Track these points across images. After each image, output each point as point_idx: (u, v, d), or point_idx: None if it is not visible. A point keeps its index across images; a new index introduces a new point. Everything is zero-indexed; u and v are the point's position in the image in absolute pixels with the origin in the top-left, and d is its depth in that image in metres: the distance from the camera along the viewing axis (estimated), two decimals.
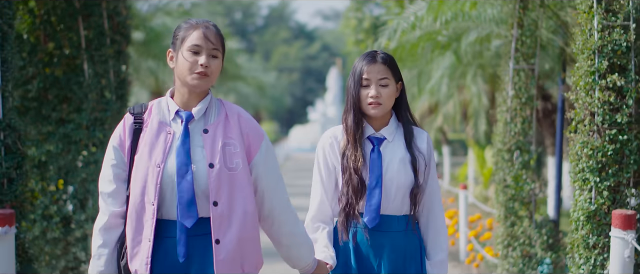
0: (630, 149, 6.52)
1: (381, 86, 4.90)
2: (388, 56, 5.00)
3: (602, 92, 6.53)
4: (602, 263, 6.55)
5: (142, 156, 4.28)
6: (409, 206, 4.95)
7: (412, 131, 4.99)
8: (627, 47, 6.54)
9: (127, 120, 4.36)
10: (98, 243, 4.30)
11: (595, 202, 6.58)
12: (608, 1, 6.60)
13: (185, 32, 4.34)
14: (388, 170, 4.94)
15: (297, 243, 4.62)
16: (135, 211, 4.26)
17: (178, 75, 4.31)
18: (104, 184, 4.33)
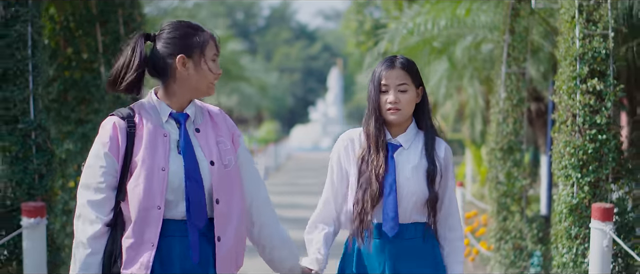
0: (608, 148, 7.00)
1: (400, 92, 4.79)
2: (408, 61, 4.89)
3: (583, 95, 7.02)
4: (583, 252, 7.04)
5: (144, 160, 4.16)
6: (423, 214, 4.83)
7: (432, 139, 4.86)
8: (606, 55, 7.02)
9: (119, 125, 4.16)
10: (86, 252, 4.12)
11: (576, 197, 7.07)
12: (589, 12, 7.09)
13: (201, 38, 4.26)
14: (402, 178, 4.82)
15: (278, 246, 4.57)
16: (139, 215, 4.13)
17: (194, 83, 4.23)
18: (92, 192, 4.15)
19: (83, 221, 4.11)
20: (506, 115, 9.99)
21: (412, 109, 4.80)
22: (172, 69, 4.20)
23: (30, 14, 7.13)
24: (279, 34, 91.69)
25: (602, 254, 6.72)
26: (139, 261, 4.11)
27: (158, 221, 4.11)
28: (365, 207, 4.79)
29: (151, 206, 4.10)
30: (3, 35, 7.04)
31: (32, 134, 7.17)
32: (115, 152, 4.12)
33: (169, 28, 4.27)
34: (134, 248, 4.11)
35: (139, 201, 4.09)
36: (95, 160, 4.12)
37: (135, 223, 4.10)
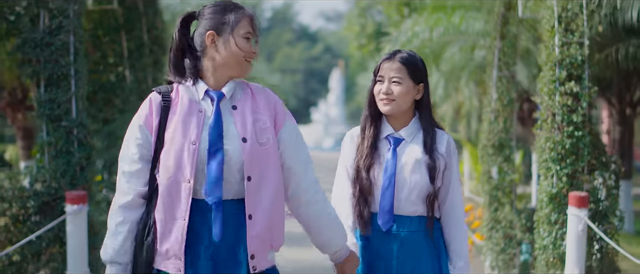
0: (584, 143, 7.85)
1: (394, 83, 4.77)
2: (409, 56, 4.83)
3: (562, 96, 7.87)
4: (561, 235, 7.89)
5: (176, 134, 4.11)
6: (425, 208, 4.78)
7: (433, 133, 4.83)
8: (582, 60, 7.86)
9: (154, 99, 4.18)
10: (118, 220, 4.12)
11: (556, 186, 7.91)
12: (567, 22, 7.93)
13: (236, 16, 4.17)
14: (402, 171, 4.77)
15: (327, 226, 4.40)
16: (169, 189, 4.09)
17: (224, 60, 4.14)
18: (128, 163, 4.15)
19: (118, 191, 4.14)
20: (497, 114, 10.74)
21: (407, 102, 4.78)
22: (204, 46, 4.19)
23: (73, 25, 8.02)
24: (281, 35, 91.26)
25: (578, 238, 7.58)
26: (172, 236, 4.09)
27: (188, 195, 4.05)
28: (360, 199, 4.81)
29: (181, 179, 4.05)
30: (48, 43, 7.94)
31: (74, 131, 8.06)
32: (149, 125, 4.12)
33: (208, 8, 4.26)
34: (166, 222, 4.09)
35: (170, 173, 4.06)
36: (131, 132, 4.15)
37: (165, 197, 4.07)
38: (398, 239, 4.75)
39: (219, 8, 4.20)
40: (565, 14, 7.96)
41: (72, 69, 8.03)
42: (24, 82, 11.82)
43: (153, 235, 4.10)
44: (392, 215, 4.74)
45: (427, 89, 4.83)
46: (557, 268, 7.91)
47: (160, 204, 4.07)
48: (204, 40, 4.16)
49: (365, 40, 26.33)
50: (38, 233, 7.59)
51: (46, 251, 8.02)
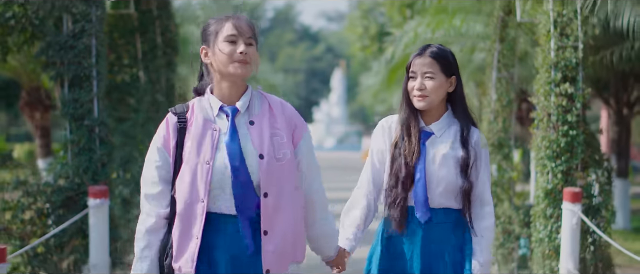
0: (578, 142, 8.28)
1: (426, 78, 4.79)
2: (440, 51, 4.86)
3: (557, 97, 8.30)
4: (557, 229, 8.33)
5: (191, 154, 4.16)
6: (455, 201, 4.84)
7: (466, 127, 4.86)
8: (576, 63, 8.31)
9: (170, 120, 4.22)
10: (142, 245, 4.20)
11: (551, 182, 8.34)
12: (562, 27, 8.37)
13: (217, 25, 4.23)
14: (431, 164, 4.83)
15: (327, 234, 4.55)
16: (184, 209, 4.16)
17: (217, 68, 4.19)
18: (149, 186, 4.22)
19: (142, 213, 4.21)
20: (497, 114, 11.12)
21: (440, 96, 4.82)
22: (204, 62, 4.28)
23: (95, 29, 8.49)
24: (282, 35, 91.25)
25: (572, 231, 8.02)
26: (186, 254, 4.14)
27: (202, 214, 4.12)
28: (398, 192, 4.83)
29: (195, 199, 4.12)
30: (72, 46, 8.40)
31: (96, 129, 8.52)
32: (167, 146, 4.18)
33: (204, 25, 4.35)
34: (181, 241, 4.15)
35: (184, 194, 4.12)
36: (151, 155, 4.21)
37: (181, 216, 4.14)
38: (427, 231, 4.83)
39: (207, 23, 4.29)
40: (561, 19, 8.39)
41: (94, 70, 8.49)
42: (41, 83, 12.28)
43: (171, 255, 4.18)
44: (428, 207, 4.80)
45: (460, 81, 4.87)
46: (553, 260, 8.34)
47: (177, 223, 4.15)
48: (202, 57, 4.27)
49: (368, 41, 26.51)
50: (62, 226, 8.03)
51: (69, 243, 8.47)
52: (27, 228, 8.41)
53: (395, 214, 4.83)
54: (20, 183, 8.49)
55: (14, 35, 8.74)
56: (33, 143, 31.05)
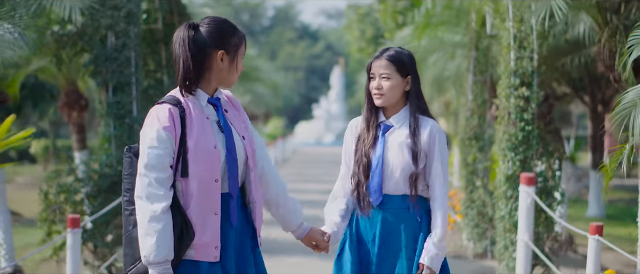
0: (533, 136, 9.67)
1: (383, 79, 5.15)
2: (396, 53, 5.21)
3: (516, 99, 9.68)
4: (515, 207, 9.71)
5: (199, 141, 4.48)
6: (408, 187, 5.16)
7: (418, 119, 5.16)
8: (531, 71, 9.66)
9: (173, 111, 4.45)
10: (162, 224, 4.37)
11: (511, 169, 9.73)
12: (520, 40, 9.69)
13: (238, 40, 4.60)
14: (388, 153, 5.17)
15: (284, 204, 4.89)
16: (204, 190, 4.48)
17: (226, 75, 4.60)
18: (159, 170, 4.40)
19: (151, 198, 4.38)
20: (472, 112, 12.56)
21: (397, 95, 5.18)
22: (210, 61, 4.54)
23: (133, 44, 10.16)
24: (283, 34, 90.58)
25: (527, 209, 9.31)
26: (209, 230, 4.50)
27: (218, 192, 4.52)
28: (360, 179, 5.23)
29: (211, 180, 4.49)
30: (115, 58, 10.09)
31: (135, 125, 10.17)
32: (173, 134, 4.43)
33: (212, 22, 4.57)
34: (204, 219, 4.49)
35: (202, 175, 4.47)
36: (159, 142, 4.41)
37: (199, 197, 4.47)
38: (384, 214, 5.20)
39: (223, 28, 4.57)
40: (519, 34, 9.69)
41: (133, 78, 10.18)
42: (77, 86, 13.94)
43: (191, 234, 4.47)
44: (381, 193, 5.19)
45: (415, 80, 5.23)
46: (512, 233, 9.73)
47: (196, 203, 4.48)
48: (213, 57, 4.54)
49: (365, 44, 27.69)
50: (108, 207, 9.64)
51: (113, 220, 10.12)
52: (78, 207, 10.10)
53: (358, 198, 5.26)
54: (72, 170, 10.19)
55: (67, 49, 10.54)
56: (47, 139, 32.62)
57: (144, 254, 4.40)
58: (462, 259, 12.46)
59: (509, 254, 9.86)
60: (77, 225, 7.81)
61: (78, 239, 7.97)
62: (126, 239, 4.58)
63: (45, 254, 11.44)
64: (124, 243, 4.62)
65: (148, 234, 4.36)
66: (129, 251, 4.55)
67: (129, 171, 4.59)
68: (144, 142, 4.46)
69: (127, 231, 4.58)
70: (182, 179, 4.48)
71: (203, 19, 4.63)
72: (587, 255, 7.32)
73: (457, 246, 13.42)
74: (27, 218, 17.01)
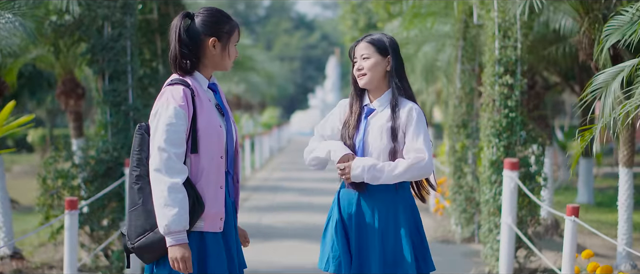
0: (516, 122, 9.94)
1: (363, 59, 5.32)
2: (375, 35, 5.42)
3: (500, 87, 9.95)
4: (499, 192, 10.01)
5: (210, 120, 4.79)
6: None
7: (397, 101, 5.31)
8: (515, 60, 9.94)
9: (186, 92, 4.74)
10: (180, 195, 4.63)
11: (495, 154, 10.01)
12: (504, 30, 9.97)
13: (230, 27, 4.89)
14: (369, 136, 5.31)
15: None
16: (213, 165, 4.78)
17: (219, 60, 4.89)
18: (178, 146, 4.66)
19: (171, 171, 4.65)
20: (461, 100, 12.86)
21: (378, 73, 5.34)
22: (204, 47, 4.84)
23: (129, 33, 10.46)
24: (279, 24, 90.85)
25: (510, 194, 9.59)
26: (218, 202, 4.82)
27: (223, 168, 4.85)
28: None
29: (218, 156, 4.80)
30: (111, 47, 10.38)
31: (130, 113, 10.48)
32: (188, 113, 4.72)
33: (206, 12, 4.87)
34: (213, 192, 4.80)
35: (212, 152, 4.78)
36: (177, 119, 4.68)
37: (210, 172, 4.78)
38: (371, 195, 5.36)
39: (217, 16, 4.88)
40: (504, 24, 9.96)
41: (129, 66, 10.48)
42: (74, 75, 14.22)
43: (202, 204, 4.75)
44: None
45: (396, 61, 5.37)
46: (496, 216, 10.03)
47: (208, 179, 4.77)
48: (206, 44, 4.84)
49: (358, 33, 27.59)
50: (104, 191, 9.99)
51: (109, 204, 10.40)
52: (75, 192, 10.40)
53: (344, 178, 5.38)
54: (69, 156, 10.49)
55: (65, 38, 10.83)
56: (44, 128, 32.90)
57: (165, 223, 4.63)
58: (450, 244, 12.76)
59: (493, 237, 10.16)
60: (74, 207, 8.12)
61: (75, 221, 8.28)
62: (134, 212, 4.80)
63: (43, 239, 11.75)
64: (129, 217, 4.83)
65: (168, 205, 4.59)
66: (138, 222, 4.77)
67: (139, 148, 4.82)
68: (162, 119, 4.69)
69: (135, 204, 4.79)
70: (191, 155, 4.74)
71: (199, 9, 4.92)
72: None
73: (445, 231, 13.73)
74: (24, 205, 17.30)
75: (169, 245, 4.69)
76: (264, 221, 15.02)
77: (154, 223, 4.74)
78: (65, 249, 8.28)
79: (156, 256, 4.81)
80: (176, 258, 4.68)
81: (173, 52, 4.85)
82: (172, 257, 4.69)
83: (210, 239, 4.82)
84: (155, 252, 4.79)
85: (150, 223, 4.75)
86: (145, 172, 4.77)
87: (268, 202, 18.33)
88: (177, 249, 4.67)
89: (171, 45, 4.85)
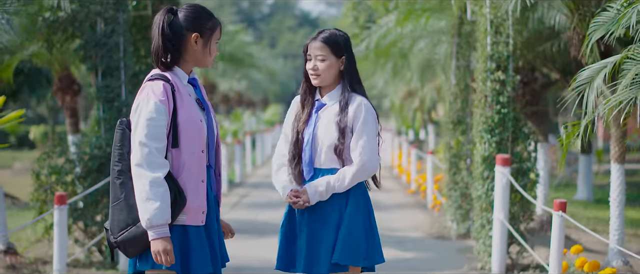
0: (508, 118, 10.01)
1: (319, 61, 5.36)
2: (331, 35, 5.43)
3: (492, 83, 10.03)
4: (491, 188, 10.07)
5: (191, 115, 4.87)
6: (336, 160, 5.41)
7: (348, 97, 5.38)
8: (507, 56, 10.02)
9: (167, 87, 4.81)
10: (161, 189, 4.69)
11: (488, 150, 10.07)
12: (496, 26, 10.04)
13: (212, 24, 4.97)
14: (318, 130, 5.41)
15: None
16: (194, 160, 4.87)
17: (200, 56, 4.95)
18: (159, 141, 4.74)
19: (152, 166, 4.72)
20: (456, 96, 12.88)
21: (332, 74, 5.41)
22: (185, 42, 4.90)
23: (122, 30, 10.52)
24: (283, 21, 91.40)
25: (503, 189, 9.67)
26: (200, 196, 4.92)
27: (204, 162, 4.95)
28: (294, 153, 5.49)
29: (199, 150, 4.90)
30: (104, 43, 10.44)
31: (123, 109, 10.54)
32: (168, 108, 4.79)
33: (190, 8, 4.94)
34: (195, 186, 4.89)
35: (193, 146, 4.87)
36: (157, 113, 4.75)
37: (191, 165, 4.87)
38: None
39: (200, 13, 4.95)
40: (496, 19, 10.04)
41: (122, 63, 10.55)
42: (70, 71, 14.29)
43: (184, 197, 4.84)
44: (312, 167, 5.44)
45: (350, 60, 5.45)
46: (489, 212, 10.09)
47: (190, 172, 4.87)
48: (188, 39, 4.91)
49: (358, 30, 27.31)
50: (96, 186, 10.04)
51: (102, 200, 10.46)
52: (69, 188, 10.45)
53: (293, 172, 5.51)
54: (63, 152, 10.55)
55: (58, 34, 10.88)
56: (46, 125, 32.99)
57: (147, 217, 4.70)
58: (446, 240, 12.81)
59: (486, 233, 10.21)
60: (63, 202, 8.17)
61: (64, 216, 8.33)
62: (116, 206, 4.86)
63: (39, 235, 11.79)
64: (112, 212, 4.89)
65: (150, 199, 4.67)
66: (120, 217, 4.83)
67: (120, 143, 4.89)
68: (142, 114, 4.77)
69: (117, 199, 4.86)
70: (173, 149, 4.83)
71: (182, 5, 5.01)
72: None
73: (441, 227, 13.78)
74: (24, 201, 17.37)
75: (151, 239, 4.75)
76: (261, 218, 15.07)
77: (136, 217, 4.80)
78: (54, 244, 8.34)
79: (139, 249, 4.87)
80: (158, 251, 4.74)
81: (155, 46, 4.92)
82: (154, 250, 4.75)
83: (192, 232, 4.89)
84: (138, 246, 4.84)
85: (133, 217, 4.81)
86: (127, 167, 4.83)
87: (266, 199, 18.40)
88: (159, 243, 4.74)
89: (154, 39, 4.91)
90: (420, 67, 18.36)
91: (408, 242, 12.68)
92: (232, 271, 9.35)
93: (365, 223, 5.44)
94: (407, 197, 19.10)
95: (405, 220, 15.18)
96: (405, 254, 11.55)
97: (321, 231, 5.42)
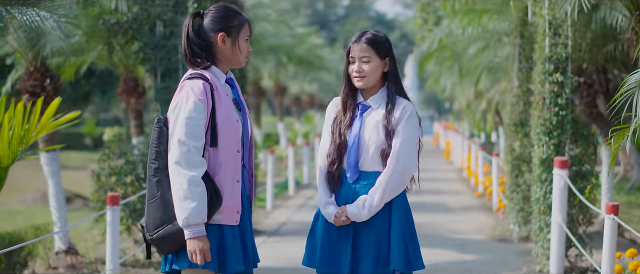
0: (567, 120, 9.90)
1: (363, 62, 5.34)
2: (374, 36, 5.40)
3: (550, 84, 9.94)
4: (549, 190, 9.97)
5: (229, 114, 4.89)
6: (381, 163, 5.36)
7: (394, 100, 5.38)
8: (566, 57, 9.92)
9: (206, 86, 4.84)
10: (200, 188, 4.71)
11: (546, 153, 9.99)
12: (555, 27, 9.96)
13: (239, 22, 4.98)
14: (364, 132, 5.37)
15: None
16: (232, 158, 4.89)
17: (230, 55, 4.97)
18: (197, 139, 4.76)
19: (190, 164, 4.74)
20: (518, 99, 12.80)
21: (376, 76, 5.40)
22: (214, 43, 4.93)
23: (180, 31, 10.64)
24: (357, 23, 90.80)
25: (561, 192, 9.51)
26: (235, 194, 4.93)
27: (240, 161, 4.97)
28: (335, 156, 5.41)
29: (235, 150, 4.91)
30: (163, 45, 10.58)
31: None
32: (208, 107, 4.82)
33: (215, 9, 4.97)
34: (231, 185, 4.90)
35: (231, 146, 4.89)
36: (196, 112, 4.79)
37: (228, 165, 4.89)
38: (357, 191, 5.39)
39: (225, 12, 4.97)
40: (554, 21, 9.97)
41: (180, 64, 10.68)
42: (135, 74, 14.50)
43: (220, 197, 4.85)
44: (358, 169, 5.38)
45: (393, 62, 5.46)
46: (547, 215, 9.99)
47: (226, 172, 4.88)
48: (216, 39, 4.94)
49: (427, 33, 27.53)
50: None
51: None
52: (128, 189, 10.61)
53: (330, 176, 5.45)
54: (123, 153, 10.71)
55: (118, 37, 11.05)
56: (121, 127, 33.45)
57: (184, 216, 4.72)
58: (508, 242, 12.73)
59: (544, 236, 10.13)
60: (116, 202, 8.27)
61: (117, 216, 8.41)
62: (152, 204, 4.89)
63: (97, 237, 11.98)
64: (147, 209, 4.93)
65: (187, 198, 4.69)
66: (157, 215, 4.86)
67: (157, 141, 4.94)
68: (182, 113, 4.80)
69: (153, 196, 4.89)
70: (210, 148, 4.84)
71: (209, 7, 5.05)
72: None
73: (503, 230, 13.69)
74: None
75: (188, 238, 4.78)
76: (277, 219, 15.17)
77: (172, 214, 4.82)
78: (107, 243, 8.43)
79: (174, 247, 4.89)
80: (195, 250, 4.77)
81: (183, 50, 5.00)
82: (190, 249, 4.78)
83: (228, 232, 4.92)
84: (174, 244, 4.87)
85: (169, 214, 4.83)
86: (164, 165, 4.87)
87: None
88: (196, 242, 4.76)
89: (182, 42, 4.98)
90: (486, 68, 18.23)
91: (469, 244, 12.62)
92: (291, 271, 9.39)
93: (411, 228, 5.45)
94: (474, 199, 18.98)
95: (469, 222, 15.10)
96: (464, 257, 11.48)
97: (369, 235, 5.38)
